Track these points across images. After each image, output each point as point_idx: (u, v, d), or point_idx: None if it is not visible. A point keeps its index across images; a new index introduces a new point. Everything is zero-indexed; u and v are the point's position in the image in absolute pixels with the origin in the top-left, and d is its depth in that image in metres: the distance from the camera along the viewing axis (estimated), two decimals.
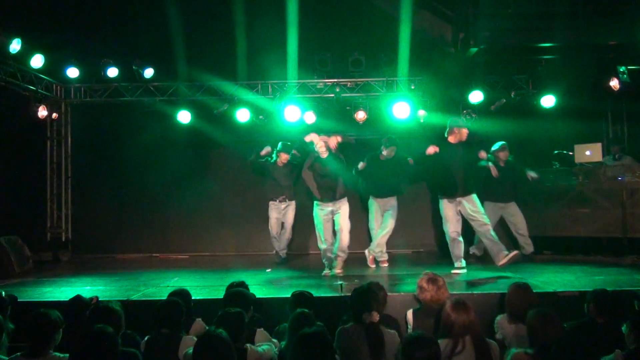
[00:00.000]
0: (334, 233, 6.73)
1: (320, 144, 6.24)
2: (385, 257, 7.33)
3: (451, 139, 6.40)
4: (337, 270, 6.51)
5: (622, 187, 7.41)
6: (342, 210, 6.60)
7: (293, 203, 7.95)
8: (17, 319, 3.90)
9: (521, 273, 6.17)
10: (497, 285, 5.58)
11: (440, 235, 7.59)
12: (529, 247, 7.48)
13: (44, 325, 3.12)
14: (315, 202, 6.68)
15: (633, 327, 3.06)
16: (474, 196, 6.37)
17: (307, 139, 6.32)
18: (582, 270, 6.42)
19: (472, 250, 7.65)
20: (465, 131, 6.37)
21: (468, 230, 6.74)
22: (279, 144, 7.73)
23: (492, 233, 6.31)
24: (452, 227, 6.35)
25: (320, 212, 6.63)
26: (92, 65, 8.23)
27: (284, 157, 7.70)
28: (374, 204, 7.31)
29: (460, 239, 6.42)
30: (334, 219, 6.66)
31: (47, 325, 3.13)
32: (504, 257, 6.11)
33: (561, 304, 4.64)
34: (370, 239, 7.41)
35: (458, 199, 6.34)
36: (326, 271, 6.58)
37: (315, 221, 6.71)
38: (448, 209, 6.37)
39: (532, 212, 7.79)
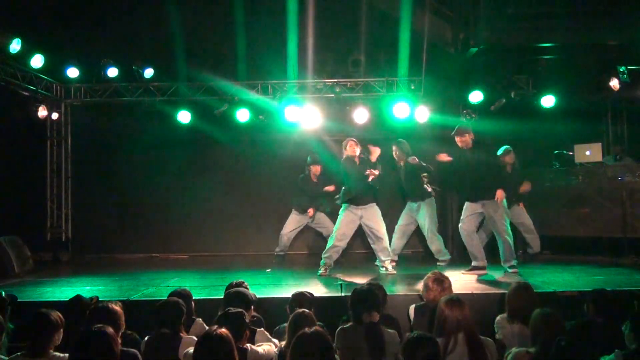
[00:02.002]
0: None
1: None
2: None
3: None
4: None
5: (622, 187, 7.41)
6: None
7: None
8: (17, 319, 3.90)
9: (521, 273, 6.16)
10: (497, 285, 5.59)
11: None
12: (535, 246, 7.57)
13: (44, 325, 3.12)
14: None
15: (633, 327, 3.06)
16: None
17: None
18: (582, 270, 6.43)
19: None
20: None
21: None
22: (309, 157, 7.70)
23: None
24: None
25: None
26: (92, 65, 8.22)
27: (317, 170, 7.67)
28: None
29: None
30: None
31: (47, 325, 3.12)
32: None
33: (561, 304, 4.64)
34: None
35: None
36: (322, 271, 6.60)
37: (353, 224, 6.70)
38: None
39: (532, 212, 7.78)
